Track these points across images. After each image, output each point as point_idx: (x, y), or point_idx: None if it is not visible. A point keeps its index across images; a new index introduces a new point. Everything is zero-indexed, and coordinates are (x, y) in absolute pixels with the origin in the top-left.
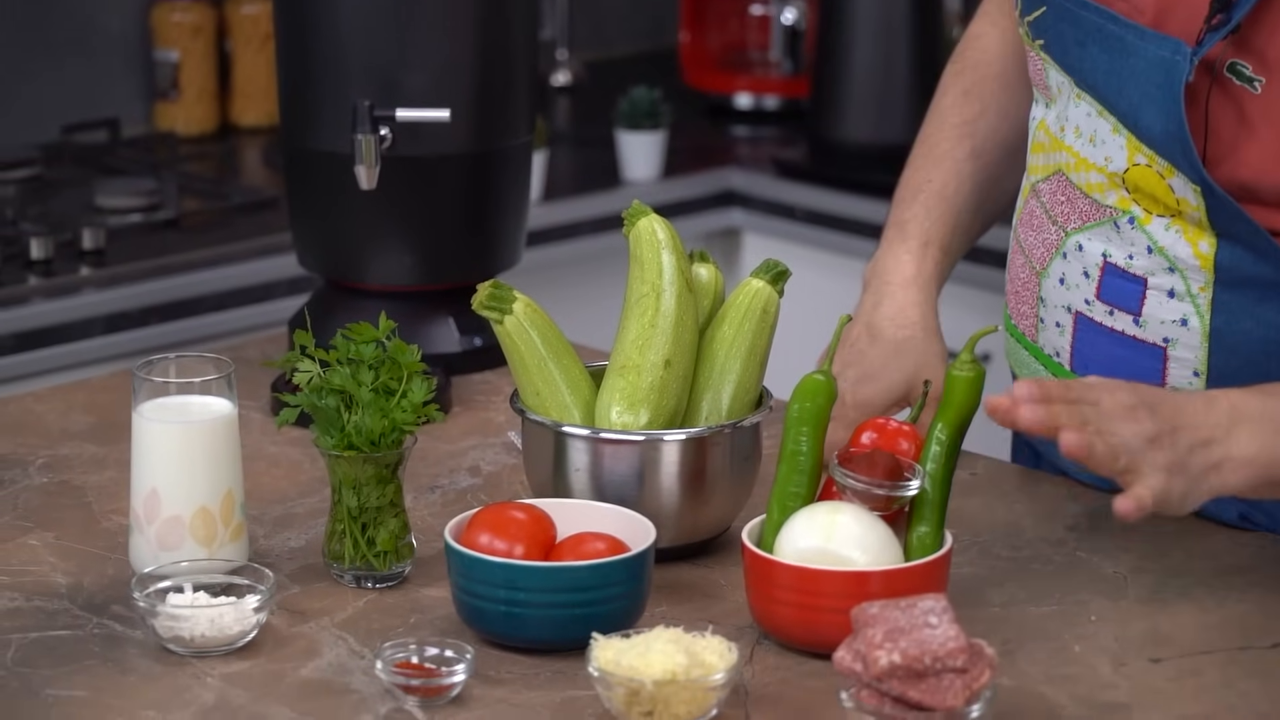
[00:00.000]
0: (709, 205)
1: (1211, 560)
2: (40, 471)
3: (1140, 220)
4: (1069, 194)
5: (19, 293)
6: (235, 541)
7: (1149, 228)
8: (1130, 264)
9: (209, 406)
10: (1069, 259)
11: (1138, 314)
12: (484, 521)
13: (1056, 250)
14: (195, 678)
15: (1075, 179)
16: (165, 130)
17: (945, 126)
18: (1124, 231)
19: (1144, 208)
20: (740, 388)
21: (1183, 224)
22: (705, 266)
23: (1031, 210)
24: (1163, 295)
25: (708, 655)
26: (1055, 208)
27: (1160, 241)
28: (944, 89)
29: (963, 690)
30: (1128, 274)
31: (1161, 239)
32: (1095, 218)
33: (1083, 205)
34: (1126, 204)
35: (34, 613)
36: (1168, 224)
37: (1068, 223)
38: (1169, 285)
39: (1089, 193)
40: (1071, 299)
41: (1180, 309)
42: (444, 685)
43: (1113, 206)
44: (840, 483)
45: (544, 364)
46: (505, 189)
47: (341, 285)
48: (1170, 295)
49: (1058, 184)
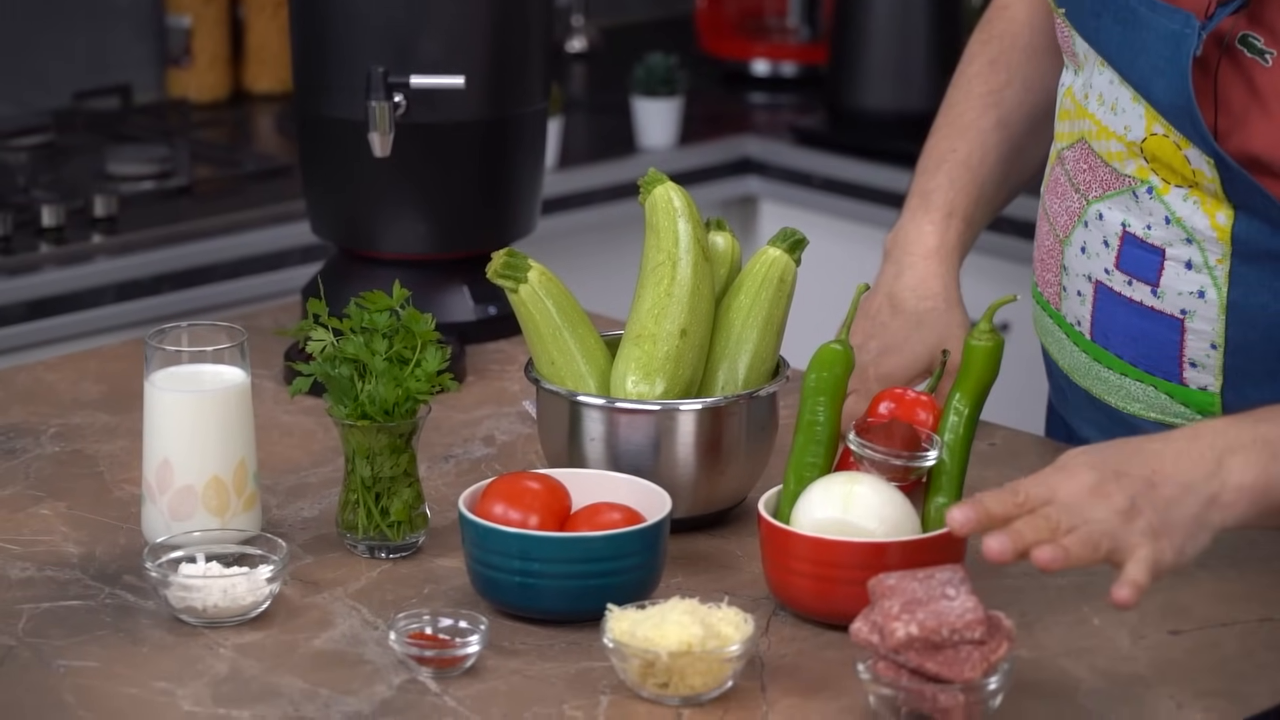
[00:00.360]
0: (726, 173)
1: (1231, 533)
2: (52, 441)
3: (1158, 190)
4: (1090, 162)
5: (30, 260)
6: (248, 511)
7: (1167, 198)
8: (1149, 234)
9: (221, 375)
10: (1090, 227)
11: (1156, 285)
12: (498, 491)
13: (1079, 218)
14: (208, 648)
15: (1096, 147)
16: (178, 97)
17: (971, 96)
18: (1142, 201)
19: (1162, 178)
20: (757, 357)
21: (1200, 195)
22: (722, 235)
23: (1056, 177)
24: (1180, 266)
25: (723, 626)
26: (1078, 175)
27: (1178, 212)
28: (970, 57)
29: (980, 662)
30: (1146, 244)
31: (1179, 209)
32: (1115, 186)
33: (1103, 174)
34: (1145, 173)
35: (46, 583)
36: (1185, 195)
37: (1089, 191)
38: (1186, 256)
39: (1109, 161)
40: (1092, 268)
41: (1198, 281)
42: (458, 656)
43: (1131, 176)
44: (857, 453)
45: (559, 333)
46: (520, 156)
47: (355, 253)
48: (1188, 266)
49: (1081, 151)
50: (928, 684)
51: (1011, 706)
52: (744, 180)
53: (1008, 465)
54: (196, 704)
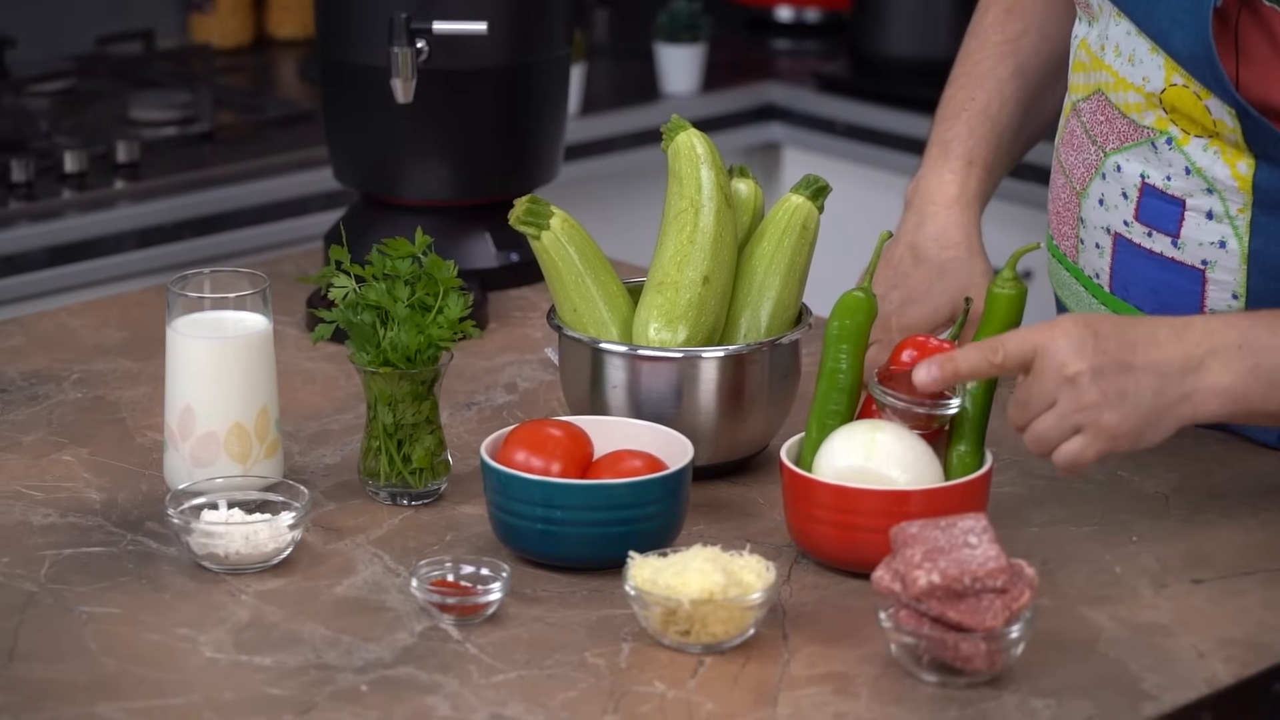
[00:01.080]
0: (749, 120)
1: (1254, 480)
2: (74, 387)
3: (1178, 141)
4: (1108, 114)
5: (53, 206)
6: (270, 458)
7: (1187, 148)
8: (1168, 185)
9: (244, 322)
10: (1108, 180)
11: (1176, 236)
12: (520, 439)
13: (1096, 171)
14: (230, 595)
15: (1114, 98)
16: (200, 42)
17: (987, 45)
18: (1162, 152)
19: (1182, 128)
20: (779, 304)
21: (1221, 145)
22: (745, 182)
23: (1072, 130)
24: (1201, 217)
25: (745, 574)
26: (1095, 127)
27: (1198, 162)
28: (985, 6)
29: (1002, 611)
30: (1166, 195)
31: (1199, 160)
32: (1133, 138)
33: (1121, 125)
34: (1164, 124)
35: (68, 529)
36: (1205, 145)
37: (1106, 143)
38: (1207, 206)
39: (1127, 112)
40: (1110, 220)
41: (1219, 231)
42: (480, 604)
43: (1150, 127)
44: (880, 401)
45: (581, 280)
46: (543, 102)
47: (378, 200)
48: (1209, 217)
49: (1097, 103)
50: (949, 632)
51: (1033, 655)
52: (767, 127)
53: None
54: (218, 650)
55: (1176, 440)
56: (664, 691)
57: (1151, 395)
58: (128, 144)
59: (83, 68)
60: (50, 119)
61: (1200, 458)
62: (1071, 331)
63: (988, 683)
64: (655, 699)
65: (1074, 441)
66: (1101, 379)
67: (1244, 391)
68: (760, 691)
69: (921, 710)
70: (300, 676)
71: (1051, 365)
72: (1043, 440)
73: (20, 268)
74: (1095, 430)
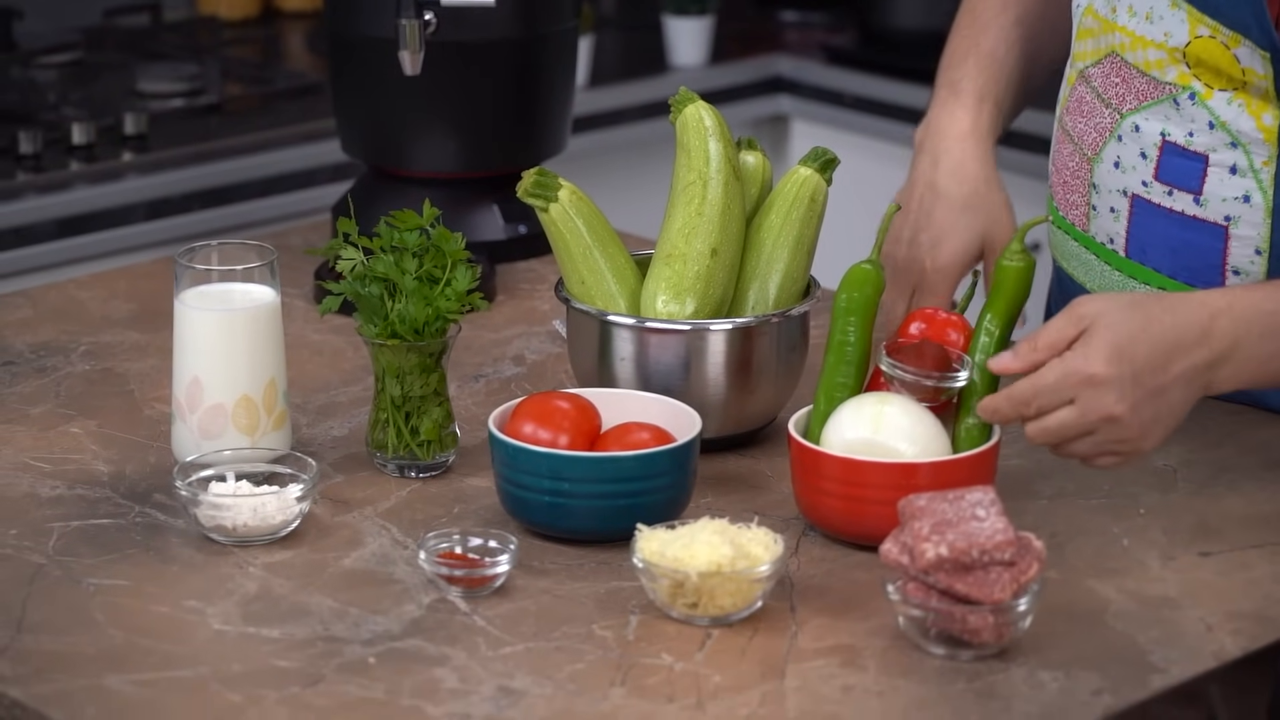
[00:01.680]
0: (757, 92)
1: (1262, 453)
2: (82, 359)
3: (1201, 96)
4: (1124, 74)
5: (61, 178)
6: (278, 430)
7: (1210, 103)
8: (1190, 141)
9: (251, 294)
10: (1124, 141)
11: (1198, 193)
12: (528, 411)
13: (1110, 134)
14: (237, 567)
15: (1131, 58)
16: (208, 14)
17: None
18: (1184, 108)
19: (1205, 82)
20: (787, 277)
21: (1246, 97)
22: (753, 154)
23: (1080, 97)
24: (1224, 172)
25: (753, 547)
26: (1108, 90)
27: (1222, 116)
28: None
29: (1010, 583)
30: (1188, 152)
31: (1223, 113)
32: (1153, 96)
33: (1139, 85)
34: (1187, 79)
35: (76, 501)
36: (1230, 98)
37: (1123, 104)
38: (1231, 161)
39: (1147, 71)
40: (1128, 182)
41: (1242, 185)
42: (487, 576)
43: (1172, 83)
44: (888, 374)
45: (589, 252)
46: (551, 75)
47: (385, 172)
48: (1232, 171)
49: (1110, 66)
50: (957, 605)
51: (1041, 627)
52: (775, 99)
53: None
54: (226, 623)
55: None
56: (671, 664)
57: (1180, 405)
58: (135, 116)
59: (90, 40)
60: (58, 91)
61: (1208, 430)
62: (1112, 373)
63: (995, 655)
64: (663, 671)
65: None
66: (1139, 412)
67: (1265, 371)
68: (768, 664)
69: (929, 683)
70: (308, 648)
71: (1094, 407)
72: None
73: (28, 239)
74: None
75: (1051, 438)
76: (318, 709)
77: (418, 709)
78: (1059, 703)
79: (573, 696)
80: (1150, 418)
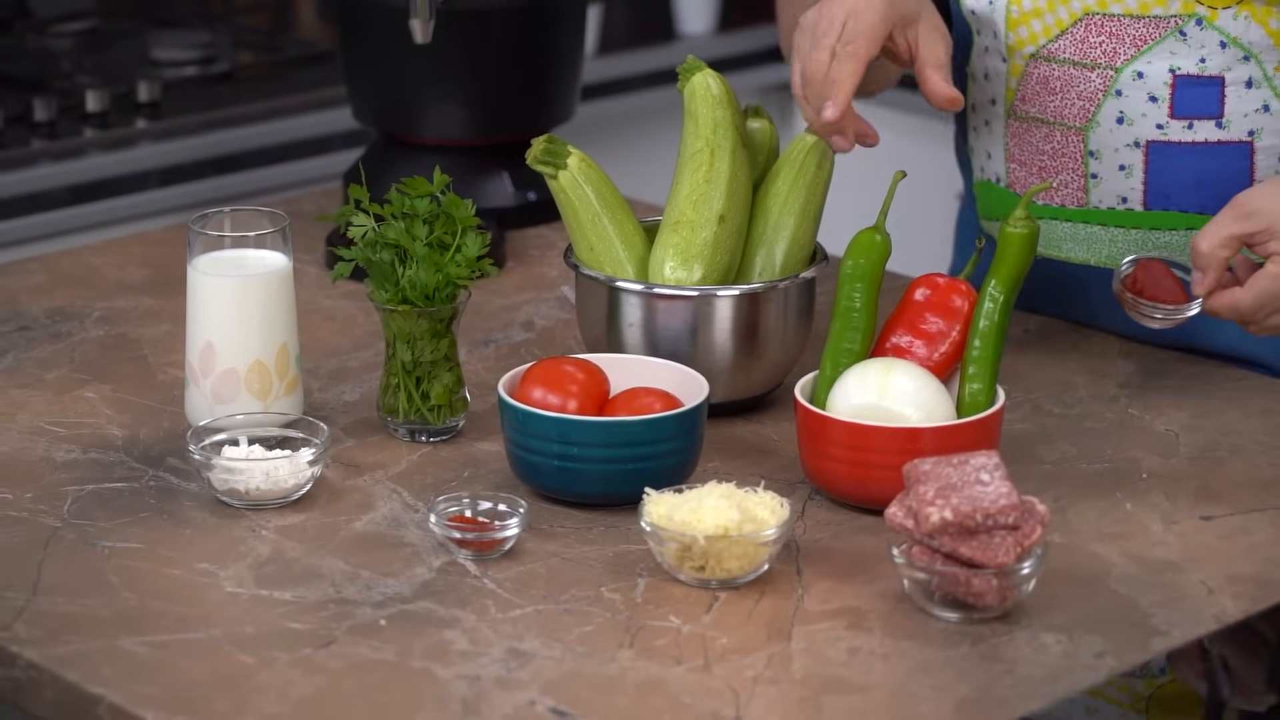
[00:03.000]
0: (764, 60)
1: (1263, 418)
2: (97, 324)
3: (1207, 19)
4: (1111, 28)
5: (75, 145)
6: (290, 395)
7: (1217, 23)
8: (1204, 67)
9: (264, 260)
10: (1126, 94)
11: (1220, 116)
12: (538, 376)
13: (1106, 92)
14: (250, 530)
15: (1119, 8)
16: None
17: None
18: (1192, 36)
19: (1209, 4)
20: (794, 243)
21: (1250, 8)
22: (760, 121)
23: (1042, 78)
24: (1241, 88)
25: (760, 511)
26: (1092, 51)
27: (1231, 32)
28: None
29: (1014, 547)
30: (1203, 79)
31: (1232, 29)
32: (1155, 36)
33: (1135, 30)
34: (1190, 7)
35: (90, 465)
36: (1234, 14)
37: (1116, 58)
38: (1246, 75)
39: (1144, 12)
40: (1138, 132)
41: (1260, 96)
42: (497, 539)
43: (1177, 15)
44: (1133, 311)
45: (598, 219)
46: (559, 43)
47: (396, 139)
48: (1248, 85)
49: (1089, 27)
50: (961, 568)
51: (1044, 590)
52: (782, 67)
53: (1041, 351)
54: (239, 585)
55: (1186, 378)
56: (679, 626)
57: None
58: (149, 84)
59: (104, 8)
60: (72, 59)
61: (1210, 395)
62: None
63: (999, 618)
64: (670, 633)
65: None
66: None
67: None
68: (774, 626)
69: (934, 644)
70: (320, 611)
71: None
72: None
73: (43, 206)
74: None
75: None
76: (329, 670)
77: (428, 670)
78: (1062, 664)
79: (581, 658)
80: None
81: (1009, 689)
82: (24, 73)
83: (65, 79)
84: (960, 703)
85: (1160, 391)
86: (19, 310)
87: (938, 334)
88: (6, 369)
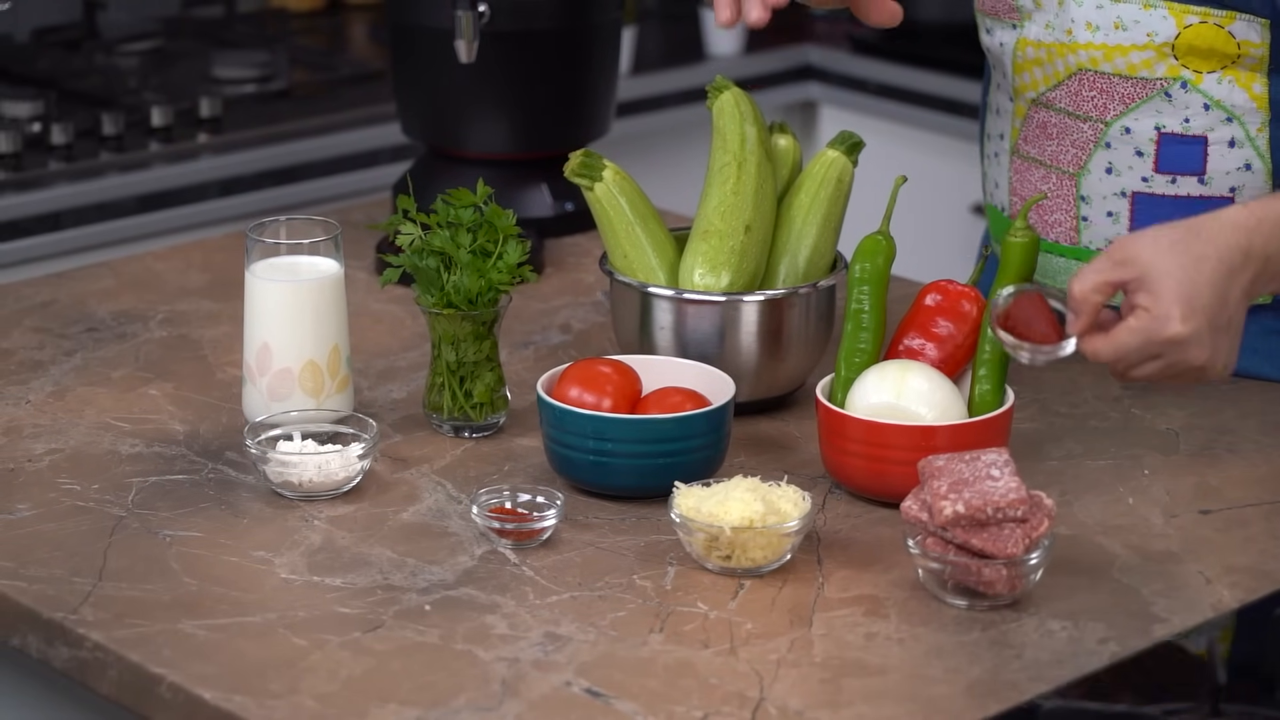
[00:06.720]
0: (788, 79)
1: (1259, 418)
2: (160, 326)
3: (1192, 82)
4: (1101, 85)
5: (141, 158)
6: (341, 393)
7: (1202, 86)
8: (1188, 127)
9: (317, 266)
10: (1114, 146)
11: (1202, 173)
12: (574, 376)
13: (1097, 143)
14: (303, 520)
15: (1109, 68)
16: (278, 6)
17: None
18: (1177, 98)
19: (1194, 69)
20: (816, 252)
21: (1235, 73)
22: (784, 137)
23: (1042, 123)
24: (1224, 147)
25: (783, 503)
26: (1084, 104)
27: (1215, 95)
28: None
29: (1022, 539)
30: (1187, 137)
31: (1216, 92)
32: (1142, 95)
33: (1124, 89)
34: (1176, 71)
35: (153, 458)
36: (1219, 77)
37: (1106, 113)
38: (1229, 136)
39: (1132, 74)
40: (1125, 183)
41: (1242, 155)
42: (535, 529)
43: (1163, 78)
44: (1005, 345)
45: (631, 228)
46: (596, 62)
47: (442, 153)
48: (1231, 145)
49: (1081, 82)
50: (973, 559)
51: (1051, 580)
52: (805, 86)
53: None
54: (292, 572)
55: None
56: (706, 612)
57: (1240, 323)
58: (210, 100)
59: (169, 29)
60: (139, 77)
61: (1209, 396)
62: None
63: (1008, 606)
64: (698, 619)
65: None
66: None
67: None
68: (796, 612)
69: (947, 630)
70: (368, 596)
71: (1179, 360)
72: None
73: (111, 214)
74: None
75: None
76: (377, 653)
77: (470, 653)
78: (1068, 650)
79: (614, 642)
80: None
81: (1018, 672)
82: (93, 90)
83: (132, 95)
84: (971, 685)
85: (1161, 392)
86: (87, 312)
87: (948, 337)
88: (75, 368)
